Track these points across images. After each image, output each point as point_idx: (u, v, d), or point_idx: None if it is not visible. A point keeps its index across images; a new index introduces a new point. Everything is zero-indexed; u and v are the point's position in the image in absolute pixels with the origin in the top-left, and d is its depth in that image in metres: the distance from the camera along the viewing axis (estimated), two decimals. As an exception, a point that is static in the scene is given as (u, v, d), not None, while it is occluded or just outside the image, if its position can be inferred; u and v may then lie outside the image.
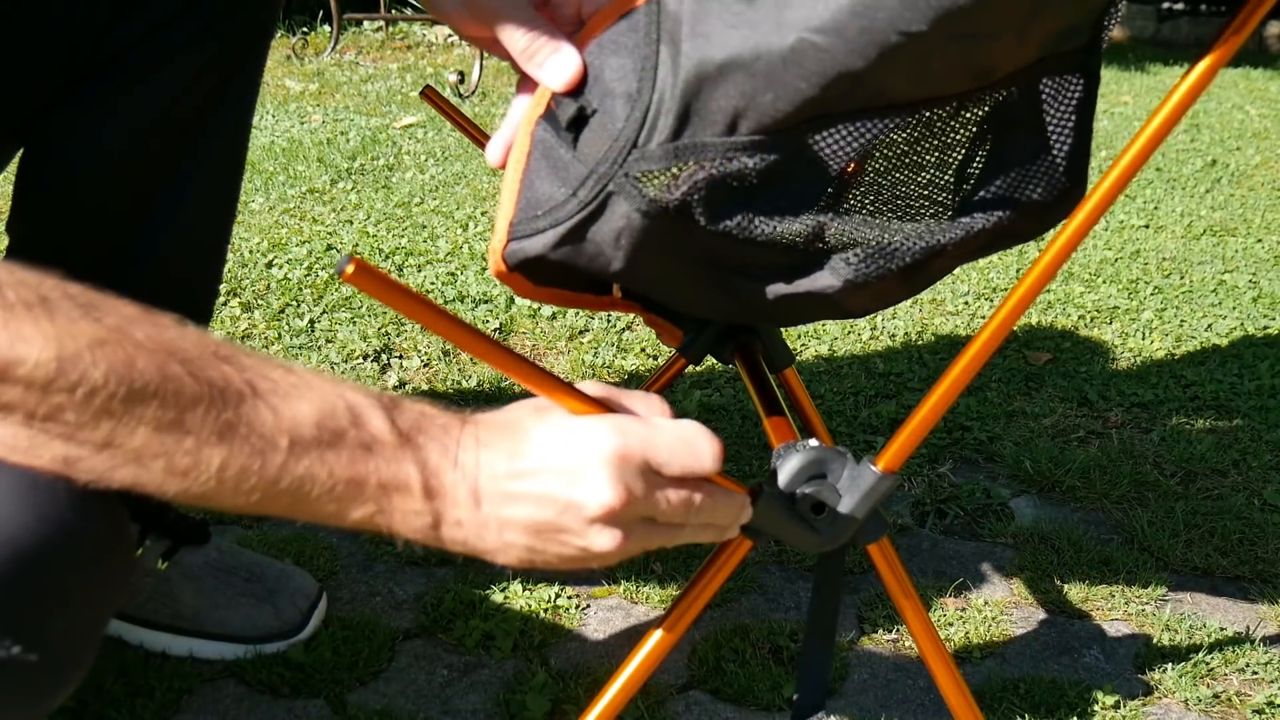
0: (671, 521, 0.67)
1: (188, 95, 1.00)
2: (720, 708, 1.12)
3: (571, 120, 0.76)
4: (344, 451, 0.60)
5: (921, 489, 1.52)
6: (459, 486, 0.63)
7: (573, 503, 0.64)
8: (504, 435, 0.65)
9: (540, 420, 0.66)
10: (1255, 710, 1.14)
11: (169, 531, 1.17)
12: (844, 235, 0.78)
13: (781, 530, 0.85)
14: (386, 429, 0.62)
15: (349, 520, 0.62)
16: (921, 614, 0.92)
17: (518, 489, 0.64)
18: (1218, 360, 1.93)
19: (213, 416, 0.56)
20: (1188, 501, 1.49)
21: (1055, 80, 0.79)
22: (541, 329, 1.95)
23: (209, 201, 1.08)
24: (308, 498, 0.60)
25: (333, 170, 2.76)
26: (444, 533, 0.64)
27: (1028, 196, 0.81)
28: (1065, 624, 1.27)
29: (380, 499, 0.62)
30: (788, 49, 0.69)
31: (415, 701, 1.11)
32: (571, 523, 0.64)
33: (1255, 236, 2.63)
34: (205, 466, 0.57)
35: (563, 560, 0.67)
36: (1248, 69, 4.51)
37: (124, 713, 1.07)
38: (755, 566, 1.34)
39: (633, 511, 0.65)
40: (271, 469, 0.58)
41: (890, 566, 0.90)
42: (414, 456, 0.62)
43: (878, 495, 0.85)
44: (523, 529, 0.65)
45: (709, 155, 0.72)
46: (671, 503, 0.66)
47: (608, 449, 0.63)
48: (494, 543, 0.65)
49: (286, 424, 0.58)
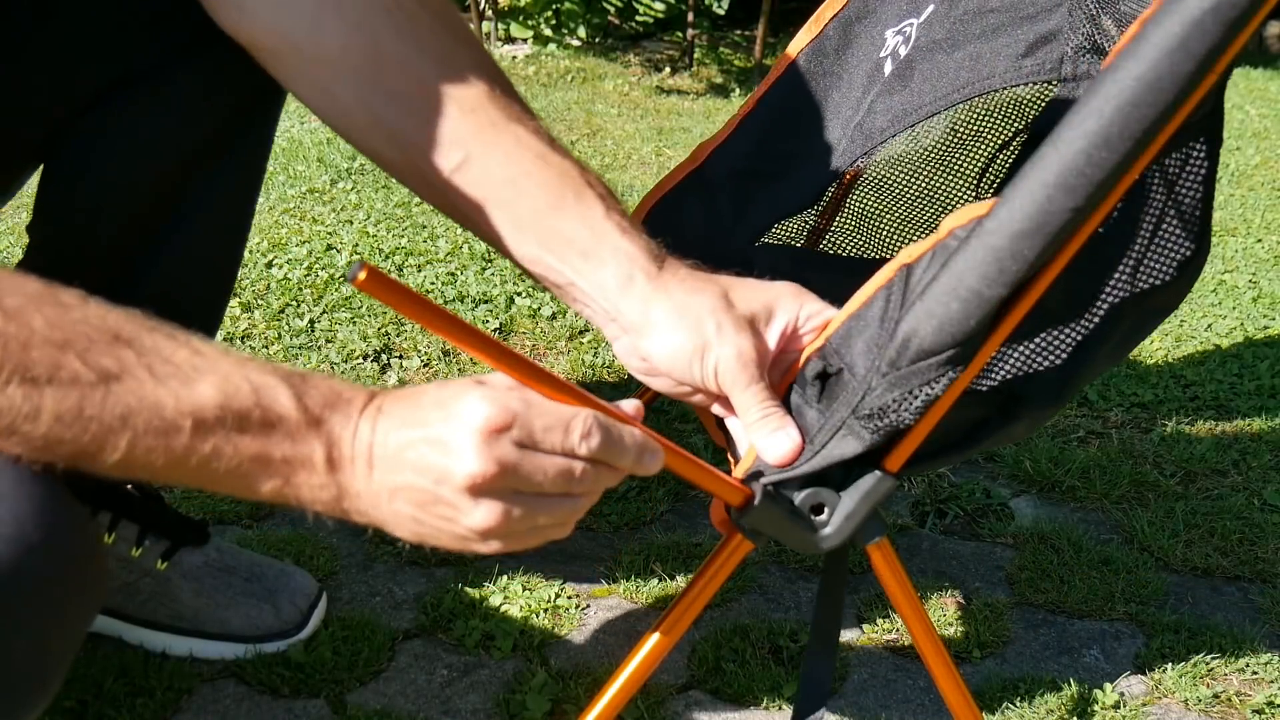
0: (556, 493, 0.66)
1: (211, 114, 1.00)
2: (720, 708, 1.12)
3: (816, 375, 0.83)
4: (248, 430, 0.62)
5: (921, 489, 1.52)
6: (358, 457, 0.65)
7: (443, 471, 0.64)
8: (403, 404, 0.66)
9: (438, 389, 0.66)
10: (1255, 710, 1.14)
11: (168, 532, 1.17)
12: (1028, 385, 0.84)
13: (781, 531, 0.85)
14: (292, 406, 0.63)
15: (258, 494, 0.64)
16: (921, 614, 0.92)
17: (402, 457, 0.65)
18: (1218, 360, 1.93)
19: (111, 402, 0.58)
20: (1188, 501, 1.49)
21: (1181, 152, 0.79)
22: (541, 329, 1.95)
23: (225, 217, 1.08)
24: (215, 474, 0.62)
25: (333, 170, 2.76)
26: (347, 505, 0.66)
27: (1160, 276, 0.83)
28: (1065, 624, 1.27)
29: (286, 474, 0.64)
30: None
31: (415, 701, 1.11)
32: (447, 494, 0.64)
33: (1255, 236, 2.62)
34: (112, 448, 0.59)
35: (453, 539, 0.66)
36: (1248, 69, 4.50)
37: (124, 713, 1.07)
38: (755, 566, 1.34)
39: (506, 483, 0.64)
40: (177, 449, 0.60)
41: (890, 567, 0.90)
42: (319, 432, 0.64)
43: (877, 496, 0.85)
44: (407, 499, 0.65)
45: (924, 376, 0.77)
46: (549, 475, 0.65)
47: (479, 419, 0.63)
48: (387, 513, 0.66)
49: (188, 406, 0.60)
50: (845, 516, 0.85)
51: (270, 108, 1.06)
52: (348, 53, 0.84)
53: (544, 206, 0.85)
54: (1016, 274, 0.73)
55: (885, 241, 1.14)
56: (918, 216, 1.11)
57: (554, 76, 3.95)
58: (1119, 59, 0.70)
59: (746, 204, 1.08)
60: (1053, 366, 0.84)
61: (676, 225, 1.03)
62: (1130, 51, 0.69)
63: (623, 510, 1.44)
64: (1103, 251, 0.81)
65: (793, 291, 0.88)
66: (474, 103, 0.85)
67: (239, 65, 0.88)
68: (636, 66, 4.09)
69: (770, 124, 1.10)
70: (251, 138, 1.06)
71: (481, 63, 0.88)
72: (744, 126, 1.11)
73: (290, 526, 1.39)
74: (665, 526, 1.42)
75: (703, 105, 3.65)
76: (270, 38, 0.85)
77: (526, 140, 0.86)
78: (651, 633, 0.89)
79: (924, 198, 1.10)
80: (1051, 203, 0.71)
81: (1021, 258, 0.73)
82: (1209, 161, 0.80)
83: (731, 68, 4.11)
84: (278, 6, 0.83)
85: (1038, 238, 0.72)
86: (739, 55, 4.28)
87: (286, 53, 0.86)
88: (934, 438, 0.82)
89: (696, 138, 3.13)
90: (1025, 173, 0.73)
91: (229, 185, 1.05)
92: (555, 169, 0.85)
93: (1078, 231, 0.73)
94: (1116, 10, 0.88)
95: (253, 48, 0.87)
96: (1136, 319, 0.85)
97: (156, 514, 1.17)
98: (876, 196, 1.12)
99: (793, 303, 0.87)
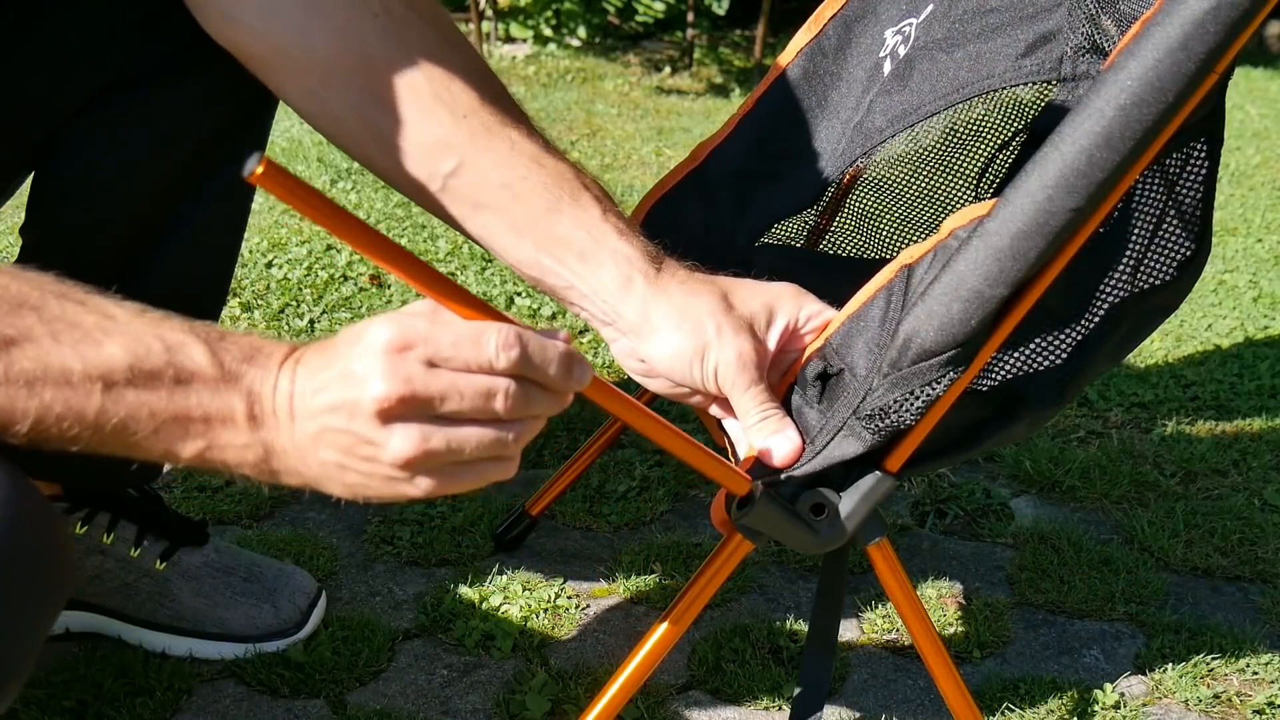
0: (477, 416, 0.62)
1: (207, 117, 1.00)
2: (720, 708, 1.12)
3: (817, 376, 0.83)
4: (161, 389, 0.60)
5: (921, 489, 1.52)
6: (279, 410, 0.63)
7: (353, 401, 0.61)
8: (319, 353, 0.64)
9: (350, 329, 0.64)
10: (1255, 710, 1.14)
11: (167, 532, 1.17)
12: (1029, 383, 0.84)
13: (781, 531, 0.85)
14: (207, 362, 0.61)
15: (184, 458, 0.62)
16: (921, 614, 0.92)
17: (318, 402, 0.62)
18: (1218, 360, 1.93)
19: (15, 370, 0.57)
20: (1188, 501, 1.49)
21: (1182, 152, 0.79)
22: (542, 329, 1.95)
23: (221, 221, 1.08)
24: (134, 438, 0.61)
25: (333, 170, 2.76)
26: (275, 464, 0.64)
27: (1160, 276, 0.83)
28: (1065, 624, 1.27)
29: (207, 434, 0.62)
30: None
31: (415, 701, 1.11)
32: (360, 427, 0.61)
33: (1255, 236, 2.62)
34: (22, 415, 0.58)
35: (382, 483, 0.63)
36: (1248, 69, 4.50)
37: (123, 713, 1.07)
38: (755, 566, 1.34)
39: (417, 404, 0.61)
40: (89, 413, 0.59)
41: (890, 567, 0.90)
42: (237, 387, 0.62)
43: (877, 497, 0.85)
44: (330, 445, 0.62)
45: (926, 376, 0.77)
46: (465, 393, 0.61)
47: (381, 340, 0.61)
48: (315, 466, 0.63)
49: (96, 368, 0.59)
50: (845, 517, 0.85)
51: (266, 109, 1.06)
52: (336, 59, 0.83)
53: (540, 210, 0.84)
54: (1018, 274, 0.73)
55: (885, 242, 1.13)
56: (918, 216, 1.11)
57: (554, 76, 3.95)
58: (1120, 59, 0.70)
59: (746, 204, 1.08)
60: (1053, 366, 0.84)
61: (676, 225, 1.03)
62: (1131, 52, 0.69)
63: (623, 510, 1.44)
64: (1103, 251, 0.81)
65: (792, 292, 0.88)
66: (466, 107, 0.84)
67: (234, 68, 0.88)
68: (636, 67, 4.09)
69: (770, 124, 1.10)
70: (248, 140, 1.06)
71: (473, 66, 0.87)
72: (743, 126, 1.11)
73: (290, 526, 1.39)
74: (665, 526, 1.42)
75: (702, 105, 3.65)
76: (258, 45, 0.85)
77: (521, 144, 0.85)
78: (651, 633, 0.89)
79: (924, 198, 1.10)
80: (1053, 203, 0.71)
81: (1023, 258, 0.73)
82: (1210, 161, 0.80)
83: (731, 68, 4.11)
84: (264, 14, 0.83)
85: (1039, 238, 0.72)
86: (739, 55, 4.28)
87: (275, 60, 0.85)
88: (935, 437, 0.82)
89: (696, 138, 3.13)
90: (1026, 172, 0.73)
91: (225, 189, 1.05)
92: (551, 172, 0.85)
93: (1079, 231, 0.73)
94: (1116, 10, 0.88)
95: (241, 55, 0.87)
96: (1137, 319, 0.85)
97: (155, 514, 1.17)
98: (876, 196, 1.12)
99: (792, 304, 0.87)
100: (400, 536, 1.37)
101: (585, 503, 1.45)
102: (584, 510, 1.44)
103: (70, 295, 0.61)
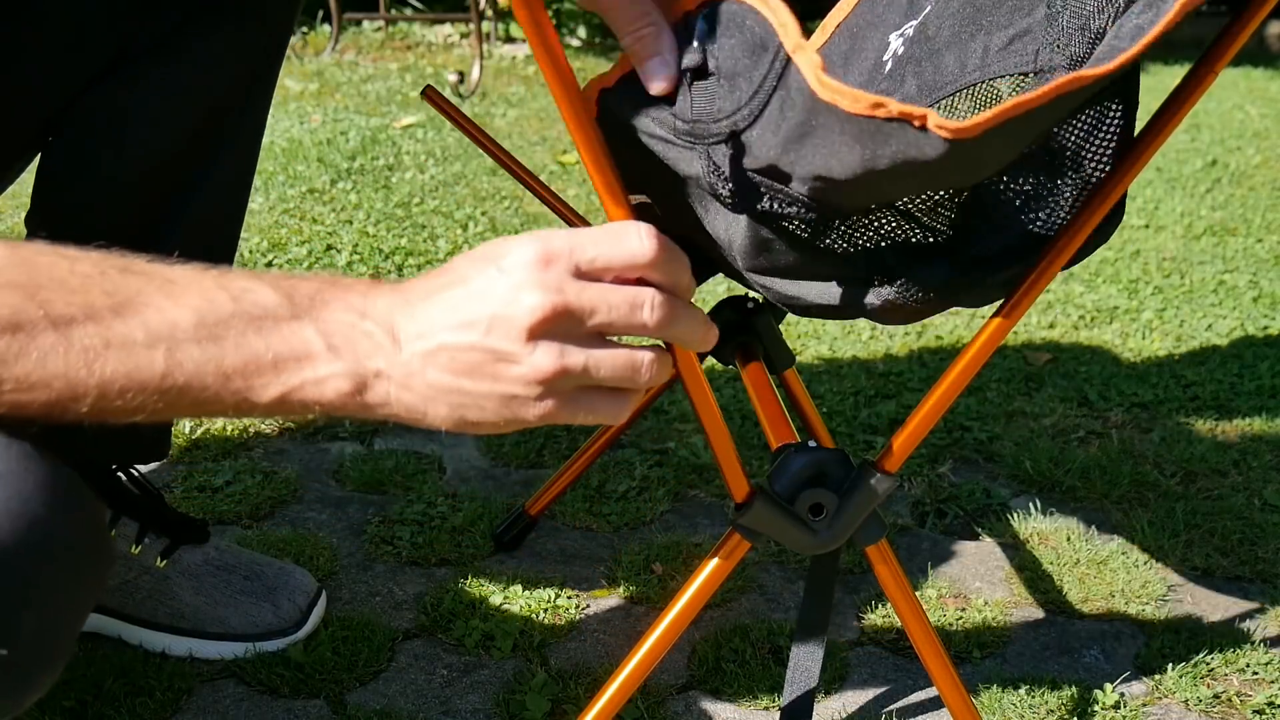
0: (624, 328, 0.61)
1: (206, 94, 1.00)
2: (720, 708, 1.12)
3: (694, 69, 0.73)
4: (228, 340, 0.58)
5: (921, 489, 1.52)
6: (373, 333, 0.60)
7: (498, 316, 0.58)
8: (423, 277, 0.62)
9: (466, 254, 0.61)
10: (1255, 710, 1.14)
11: (168, 530, 1.17)
12: (891, 269, 0.80)
13: (779, 532, 0.85)
14: (275, 302, 0.59)
15: (263, 406, 0.59)
16: (919, 614, 0.92)
17: (440, 316, 0.59)
18: (1218, 360, 1.93)
19: (78, 347, 0.56)
20: (1188, 501, 1.49)
21: (1095, 109, 0.79)
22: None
23: (224, 201, 1.08)
24: (204, 394, 0.58)
25: (332, 170, 2.76)
26: (370, 395, 0.60)
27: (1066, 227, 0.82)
28: (1065, 624, 1.27)
29: (284, 374, 0.59)
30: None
31: (415, 701, 1.11)
32: (499, 341, 0.59)
33: (1255, 236, 2.62)
34: (84, 393, 0.56)
35: (500, 405, 0.60)
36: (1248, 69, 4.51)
37: (123, 713, 1.07)
38: (755, 566, 1.34)
39: (569, 317, 0.59)
40: (154, 380, 0.57)
41: (889, 568, 0.90)
42: (313, 321, 0.59)
43: (876, 497, 0.85)
44: (449, 364, 0.59)
45: (778, 194, 0.73)
46: (614, 304, 0.60)
47: (529, 254, 0.59)
48: (421, 390, 0.60)
49: (160, 335, 0.57)
50: (844, 517, 0.85)
51: (265, 85, 1.05)
52: None
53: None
54: None
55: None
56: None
57: (554, 76, 3.95)
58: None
59: None
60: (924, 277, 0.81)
61: None
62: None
63: (623, 510, 1.44)
64: (1009, 189, 0.80)
65: None
66: None
67: (233, 43, 0.88)
68: (636, 66, 4.08)
69: None
70: (247, 117, 1.06)
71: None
72: None
73: (290, 526, 1.39)
74: (665, 526, 1.42)
75: (703, 105, 3.65)
76: None
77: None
78: (650, 632, 0.89)
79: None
80: None
81: None
82: (1123, 124, 0.79)
83: (731, 68, 4.11)
84: None
85: None
86: (739, 55, 4.28)
87: None
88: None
89: (696, 138, 3.12)
90: None
91: (225, 170, 1.05)
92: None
93: None
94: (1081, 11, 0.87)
95: None
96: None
97: (156, 512, 1.17)
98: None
99: None
100: (400, 536, 1.37)
101: (585, 503, 1.45)
102: (584, 510, 1.44)
103: (132, 268, 0.59)
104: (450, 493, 1.48)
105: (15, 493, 0.55)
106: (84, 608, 0.62)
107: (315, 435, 1.62)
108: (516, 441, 1.59)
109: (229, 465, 1.52)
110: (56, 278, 0.57)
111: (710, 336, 0.65)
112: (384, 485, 1.49)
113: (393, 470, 1.51)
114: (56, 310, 0.56)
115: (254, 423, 1.63)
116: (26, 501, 0.56)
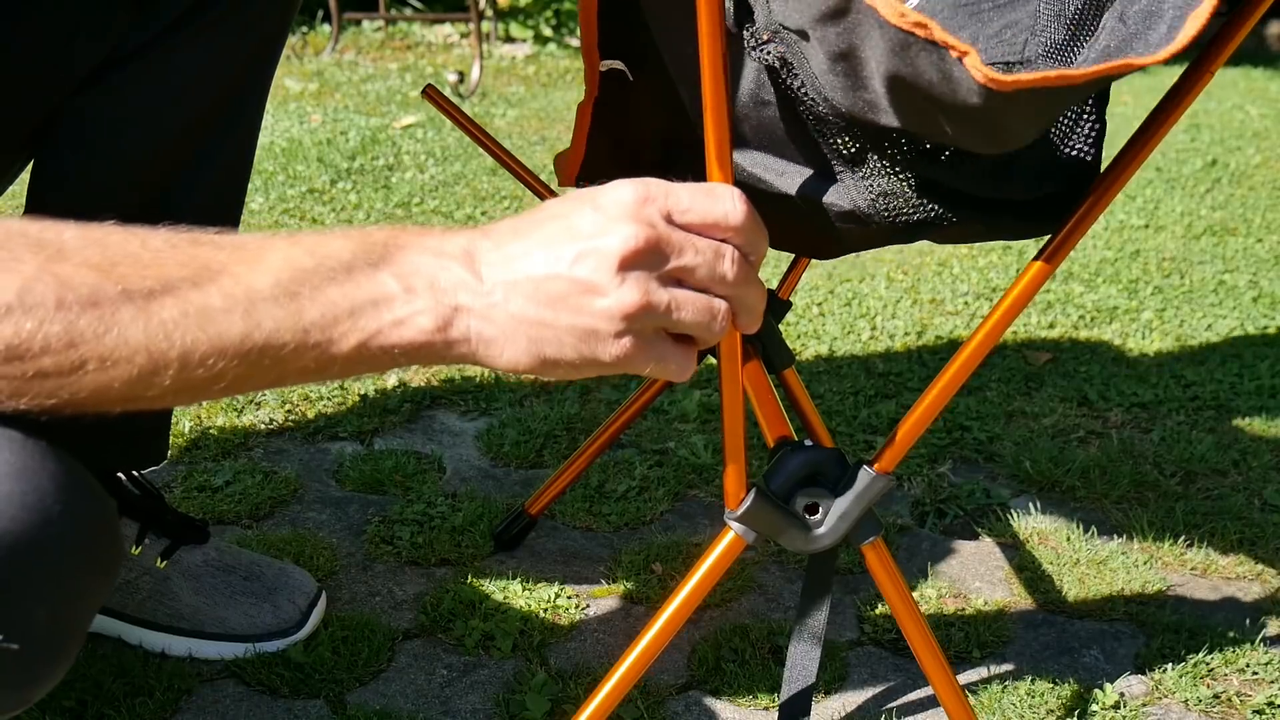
0: (705, 276, 0.63)
1: (203, 90, 1.00)
2: (720, 707, 1.12)
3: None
4: (303, 295, 0.58)
5: (921, 489, 1.52)
6: (451, 268, 0.60)
7: (590, 247, 0.60)
8: (508, 220, 0.63)
9: (560, 198, 0.63)
10: (1255, 710, 1.14)
11: (168, 530, 1.17)
12: (876, 175, 0.80)
13: (776, 531, 0.85)
14: (349, 253, 0.59)
15: (342, 359, 0.59)
16: (915, 613, 0.92)
17: (527, 248, 0.61)
18: (1218, 360, 1.93)
19: (156, 320, 0.56)
20: (1188, 501, 1.49)
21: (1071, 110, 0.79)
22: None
23: (219, 201, 1.08)
24: (283, 352, 0.58)
25: (332, 170, 2.76)
26: (453, 331, 0.60)
27: (1044, 186, 0.81)
28: (1065, 624, 1.27)
29: (361, 320, 0.59)
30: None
31: (415, 701, 1.11)
32: (588, 272, 0.60)
33: (1255, 236, 2.62)
34: (165, 365, 0.56)
35: (579, 340, 0.61)
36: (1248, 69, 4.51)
37: (123, 713, 1.07)
38: (755, 566, 1.34)
39: (659, 253, 0.61)
40: (233, 343, 0.57)
41: (884, 567, 0.90)
42: (387, 265, 0.60)
43: (872, 496, 0.85)
44: (533, 294, 0.60)
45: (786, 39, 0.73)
46: (701, 248, 0.62)
47: (629, 193, 0.61)
48: (502, 322, 0.60)
49: (239, 299, 0.57)
50: (839, 516, 0.85)
51: (258, 86, 1.06)
52: None
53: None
54: None
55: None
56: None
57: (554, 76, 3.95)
58: None
59: None
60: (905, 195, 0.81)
61: None
62: None
63: (623, 510, 1.44)
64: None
65: None
66: None
67: (225, 45, 0.88)
68: (637, 66, 4.09)
69: None
70: (244, 113, 1.06)
71: None
72: None
73: (290, 526, 1.39)
74: (665, 526, 1.42)
75: (703, 105, 3.65)
76: None
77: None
78: (646, 630, 0.90)
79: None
80: None
81: None
82: (1097, 122, 0.79)
83: (732, 68, 4.11)
84: None
85: None
86: (739, 55, 4.28)
87: None
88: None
89: (696, 138, 3.13)
90: None
91: (222, 165, 1.05)
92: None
93: None
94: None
95: None
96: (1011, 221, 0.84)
97: (157, 512, 1.17)
98: None
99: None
100: (400, 536, 1.37)
101: (585, 503, 1.45)
102: (584, 510, 1.44)
103: (201, 240, 0.59)
104: (450, 493, 1.48)
105: (32, 488, 0.56)
106: (95, 604, 0.62)
107: (315, 435, 1.62)
108: (516, 441, 1.59)
109: (229, 465, 1.52)
110: (130, 253, 0.57)
111: (759, 318, 0.67)
112: (384, 485, 1.49)
113: (392, 470, 1.51)
114: (133, 285, 0.56)
115: (254, 422, 1.63)
116: (43, 497, 0.56)
